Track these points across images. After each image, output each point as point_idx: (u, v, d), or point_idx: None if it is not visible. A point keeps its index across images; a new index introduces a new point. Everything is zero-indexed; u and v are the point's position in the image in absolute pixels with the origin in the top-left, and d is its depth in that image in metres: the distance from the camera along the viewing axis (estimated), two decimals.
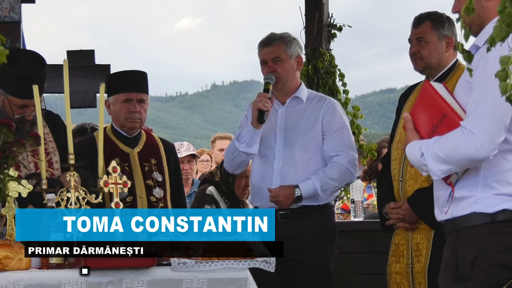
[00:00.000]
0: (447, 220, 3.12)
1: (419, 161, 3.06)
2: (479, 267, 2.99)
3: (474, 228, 3.02)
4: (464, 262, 3.04)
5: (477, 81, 2.94)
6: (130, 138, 4.91)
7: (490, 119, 2.90)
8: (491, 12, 3.06)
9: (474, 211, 3.03)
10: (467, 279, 3.03)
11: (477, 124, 2.91)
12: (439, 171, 3.01)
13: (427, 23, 4.42)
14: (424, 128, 3.11)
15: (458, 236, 3.07)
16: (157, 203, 4.80)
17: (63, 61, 3.84)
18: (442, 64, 4.41)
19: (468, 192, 3.05)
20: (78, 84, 6.94)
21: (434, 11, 4.47)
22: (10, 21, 6.65)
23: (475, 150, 2.91)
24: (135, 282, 3.49)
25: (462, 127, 2.94)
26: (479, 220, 3.02)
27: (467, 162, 2.97)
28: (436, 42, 4.40)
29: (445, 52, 4.40)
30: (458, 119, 2.98)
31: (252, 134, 4.82)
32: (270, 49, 4.93)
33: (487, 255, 2.98)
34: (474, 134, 2.91)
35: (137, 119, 4.84)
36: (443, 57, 4.41)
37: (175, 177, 5.00)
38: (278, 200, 4.80)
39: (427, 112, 3.11)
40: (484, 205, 3.02)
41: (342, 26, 7.03)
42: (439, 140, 3.01)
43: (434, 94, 3.07)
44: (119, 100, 4.83)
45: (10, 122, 3.78)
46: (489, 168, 3.02)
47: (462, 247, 3.05)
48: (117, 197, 3.70)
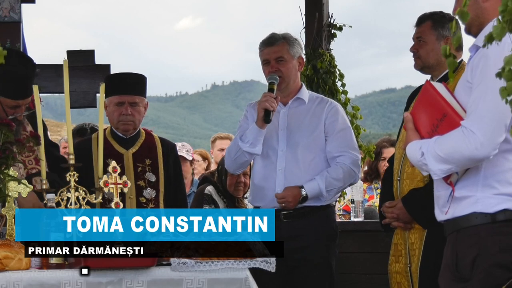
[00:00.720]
0: (447, 220, 3.12)
1: (419, 160, 3.06)
2: (479, 267, 2.99)
3: (474, 228, 3.02)
4: (464, 262, 3.03)
5: (478, 81, 2.94)
6: (126, 139, 4.95)
7: (491, 118, 2.90)
8: (489, 12, 3.05)
9: (474, 211, 3.03)
10: (467, 279, 3.03)
11: (478, 124, 2.91)
12: (439, 170, 3.01)
13: (428, 23, 4.42)
14: (424, 127, 3.11)
15: (458, 236, 3.07)
16: (147, 204, 4.82)
17: (63, 61, 3.84)
18: (443, 64, 4.41)
19: (468, 192, 3.04)
20: (78, 84, 6.95)
21: (438, 11, 4.46)
22: (10, 21, 6.66)
23: (475, 150, 2.91)
24: (135, 282, 3.49)
25: (463, 127, 2.94)
26: (479, 220, 3.02)
27: (467, 161, 2.97)
28: (434, 42, 4.40)
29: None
30: (459, 118, 2.98)
31: (257, 134, 4.82)
32: (274, 49, 4.93)
33: (487, 255, 2.98)
34: (474, 133, 2.91)
35: (129, 122, 4.89)
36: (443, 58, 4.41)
37: (174, 176, 5.00)
38: (287, 201, 4.81)
39: (427, 111, 3.10)
40: (484, 205, 3.01)
41: (342, 26, 7.03)
42: (439, 139, 3.01)
43: (434, 93, 3.07)
44: (113, 103, 4.90)
45: (10, 122, 3.78)
46: (490, 168, 3.01)
47: (462, 247, 3.05)
48: (117, 197, 3.70)
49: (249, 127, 4.89)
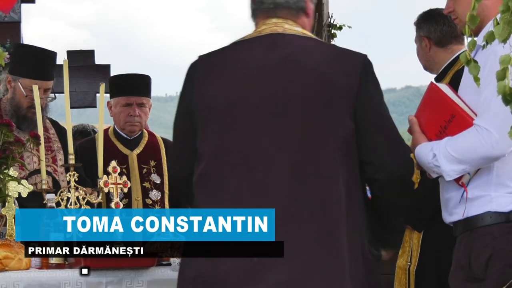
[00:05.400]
0: (458, 221, 3.09)
1: (431, 162, 3.01)
2: (494, 267, 2.96)
3: (488, 228, 2.99)
4: (478, 262, 3.00)
5: (487, 79, 2.90)
6: (131, 140, 4.93)
7: (505, 115, 2.87)
8: (490, 10, 3.04)
9: (489, 210, 3.00)
10: (481, 279, 3.00)
11: (492, 121, 2.88)
12: (453, 171, 2.97)
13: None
14: (431, 129, 3.08)
15: (471, 236, 3.03)
16: (153, 205, 4.81)
17: (63, 61, 3.85)
18: (434, 63, 4.40)
19: (481, 191, 3.01)
20: (78, 84, 6.95)
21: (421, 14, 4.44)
22: (10, 21, 6.66)
23: (491, 148, 2.88)
24: (135, 282, 3.49)
25: (476, 125, 2.91)
26: (493, 219, 2.98)
27: (482, 160, 2.93)
28: (417, 44, 4.41)
29: (428, 52, 4.38)
30: (469, 118, 2.95)
31: None
32: None
33: (502, 255, 2.96)
34: (489, 131, 2.87)
35: (136, 123, 4.88)
36: (429, 57, 4.39)
37: None
38: None
39: (434, 113, 3.07)
40: (498, 204, 2.98)
41: (342, 26, 7.03)
42: (451, 140, 2.97)
43: (441, 95, 3.04)
44: (120, 103, 4.88)
45: (10, 122, 3.78)
46: (502, 166, 2.99)
47: (476, 247, 3.02)
48: (117, 197, 3.70)
49: None
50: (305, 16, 2.88)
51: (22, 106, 4.41)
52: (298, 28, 2.83)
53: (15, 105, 4.42)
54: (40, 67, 4.39)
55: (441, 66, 4.38)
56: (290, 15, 2.84)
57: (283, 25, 2.81)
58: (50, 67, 4.48)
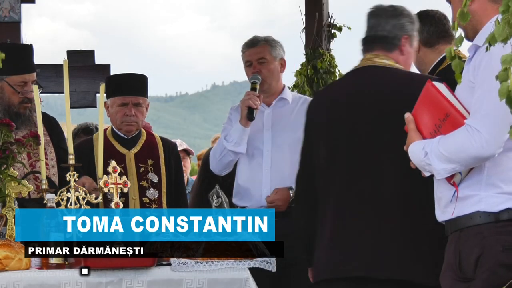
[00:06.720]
0: (449, 220, 3.11)
1: (422, 160, 3.04)
2: (483, 267, 2.97)
3: (478, 228, 3.01)
4: (467, 261, 3.02)
5: (481, 80, 2.92)
6: (128, 139, 4.94)
7: (496, 116, 2.88)
8: (480, 14, 3.05)
9: (478, 210, 3.01)
10: (471, 278, 3.01)
11: (483, 122, 2.89)
12: (443, 170, 2.99)
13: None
14: (426, 128, 3.10)
15: (461, 235, 3.05)
16: (150, 204, 4.82)
17: (63, 61, 3.85)
18: (424, 64, 4.43)
19: (471, 191, 3.03)
20: (78, 84, 6.94)
21: None
22: (10, 21, 6.66)
23: (481, 148, 2.90)
24: (135, 282, 3.49)
25: (467, 125, 2.93)
26: (483, 219, 3.00)
27: (472, 160, 2.95)
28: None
29: (417, 53, 4.40)
30: (462, 118, 2.96)
31: (241, 133, 4.85)
32: (255, 50, 4.99)
33: (491, 255, 2.97)
34: (479, 132, 2.89)
35: (132, 123, 4.89)
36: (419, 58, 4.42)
37: (176, 176, 5.00)
38: (277, 205, 4.81)
39: (429, 112, 3.09)
40: (488, 204, 3.00)
41: (342, 26, 7.04)
42: (443, 139, 2.99)
43: (436, 94, 3.05)
44: (116, 103, 4.89)
45: (10, 122, 3.79)
46: (493, 167, 3.00)
47: (465, 247, 3.04)
48: (117, 197, 3.71)
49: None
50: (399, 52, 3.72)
51: (13, 103, 4.40)
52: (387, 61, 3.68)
53: (5, 104, 4.41)
54: (20, 61, 4.39)
55: (430, 66, 4.41)
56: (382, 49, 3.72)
57: (374, 58, 3.71)
58: (30, 59, 4.49)
